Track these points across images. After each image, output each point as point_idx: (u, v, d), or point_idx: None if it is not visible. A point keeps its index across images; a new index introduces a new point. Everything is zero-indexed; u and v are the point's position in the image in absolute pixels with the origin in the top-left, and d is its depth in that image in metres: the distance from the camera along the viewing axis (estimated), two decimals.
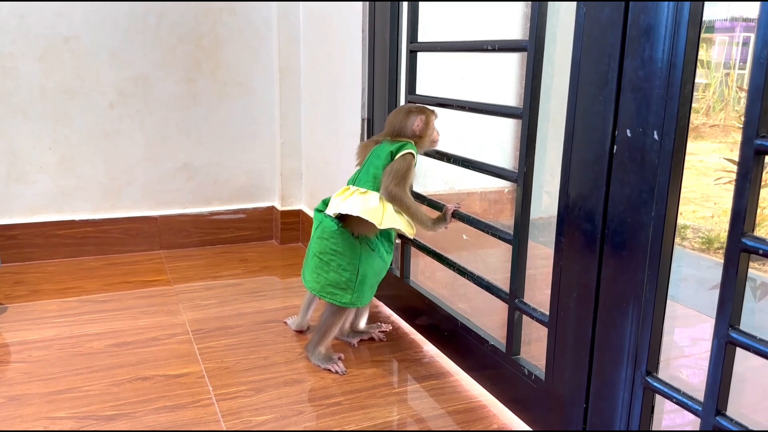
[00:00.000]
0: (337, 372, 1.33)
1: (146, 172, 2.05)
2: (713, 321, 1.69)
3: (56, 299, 1.68)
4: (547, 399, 1.07)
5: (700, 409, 0.80)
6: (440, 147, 1.39)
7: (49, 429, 1.12)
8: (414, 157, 1.32)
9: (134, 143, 2.01)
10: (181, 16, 1.98)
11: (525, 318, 1.15)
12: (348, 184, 1.36)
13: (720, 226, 2.68)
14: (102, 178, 2.00)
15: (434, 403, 1.24)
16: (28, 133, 1.89)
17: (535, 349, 1.23)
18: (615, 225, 0.90)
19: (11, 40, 1.82)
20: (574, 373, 1.00)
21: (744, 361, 0.81)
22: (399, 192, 1.29)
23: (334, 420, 1.17)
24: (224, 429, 1.13)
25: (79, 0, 1.85)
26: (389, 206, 1.30)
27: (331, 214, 1.33)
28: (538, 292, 1.31)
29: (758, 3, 0.69)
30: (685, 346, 1.62)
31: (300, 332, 1.52)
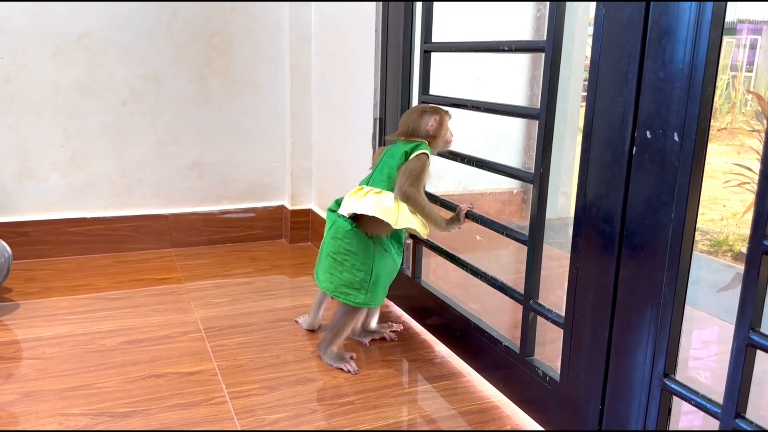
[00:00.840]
0: (349, 371, 1.33)
1: (157, 169, 2.05)
2: (723, 323, 1.67)
3: (68, 296, 1.69)
4: (562, 400, 1.07)
5: (719, 411, 0.80)
6: (453, 147, 1.39)
7: (64, 425, 1.12)
8: (428, 157, 1.32)
9: (146, 141, 2.02)
10: (194, 15, 1.98)
11: (538, 319, 1.15)
12: (361, 185, 1.36)
13: (728, 229, 2.68)
14: (113, 175, 2.01)
15: (446, 403, 1.24)
16: (41, 130, 1.90)
17: (548, 350, 1.23)
18: (634, 226, 0.89)
19: (25, 37, 1.82)
20: (589, 375, 1.00)
21: (761, 363, 0.81)
22: (413, 192, 1.29)
23: (347, 419, 1.17)
24: (239, 427, 1.13)
25: None
26: (404, 206, 1.30)
27: (345, 214, 1.33)
28: (550, 294, 1.31)
29: None
30: (696, 348, 1.61)
31: (311, 331, 1.52)
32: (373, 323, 1.51)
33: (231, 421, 1.15)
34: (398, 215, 1.28)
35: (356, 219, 1.33)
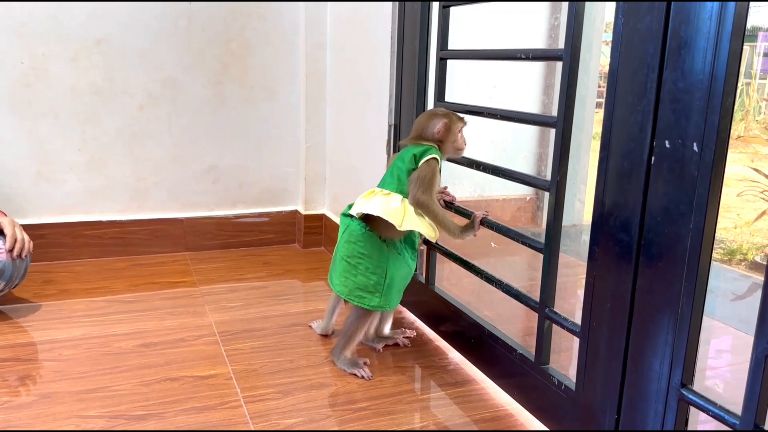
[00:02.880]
0: (363, 377, 1.34)
1: (173, 173, 2.07)
2: (737, 333, 1.66)
3: (84, 299, 1.70)
4: (578, 409, 1.07)
5: (738, 422, 0.80)
6: (468, 154, 1.39)
7: (81, 427, 1.13)
8: (438, 162, 1.32)
9: (162, 145, 2.04)
10: (211, 20, 2.00)
11: (552, 326, 1.15)
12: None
13: (742, 237, 2.66)
14: (129, 179, 2.02)
15: (460, 410, 1.24)
16: (59, 133, 1.92)
17: (563, 358, 1.23)
18: (652, 236, 0.89)
19: (45, 41, 1.85)
20: (606, 384, 1.00)
21: None
22: (426, 200, 1.29)
23: (360, 425, 1.17)
24: (254, 431, 1.14)
25: (111, 0, 1.88)
26: (411, 209, 1.30)
27: (355, 215, 1.34)
28: (564, 302, 1.31)
29: None
30: (711, 357, 1.60)
31: (325, 336, 1.52)
32: (387, 329, 1.51)
33: (246, 426, 1.15)
34: (403, 217, 1.29)
35: (369, 222, 1.34)
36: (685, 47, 0.83)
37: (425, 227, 1.31)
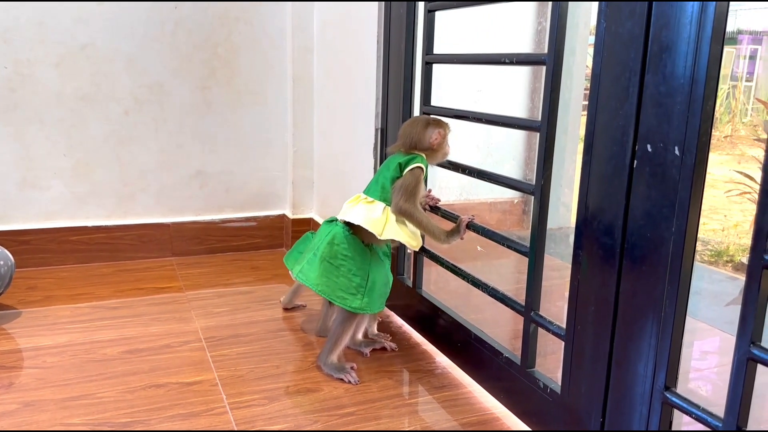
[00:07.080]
0: (350, 382, 1.33)
1: (160, 179, 2.06)
2: (723, 334, 1.67)
3: (69, 305, 1.69)
4: (563, 412, 1.07)
5: (720, 425, 0.80)
6: (455, 158, 1.39)
7: None
8: (422, 170, 1.33)
9: (148, 150, 2.03)
10: (198, 25, 1.99)
11: (539, 330, 1.15)
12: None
13: (729, 239, 2.68)
14: (116, 184, 2.01)
15: (447, 414, 1.24)
16: (44, 139, 1.91)
17: (550, 362, 1.23)
18: (635, 239, 0.90)
19: (30, 47, 1.83)
20: (590, 387, 1.00)
21: (761, 376, 0.80)
22: (409, 208, 1.30)
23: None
24: None
25: (97, 0, 1.87)
26: (392, 218, 1.32)
27: (339, 219, 1.35)
28: (551, 305, 1.31)
29: None
30: (696, 359, 1.61)
31: (286, 310, 1.67)
32: (374, 328, 1.52)
33: None
34: (384, 227, 1.31)
35: (353, 226, 1.35)
36: (666, 51, 0.83)
37: (406, 237, 1.33)
